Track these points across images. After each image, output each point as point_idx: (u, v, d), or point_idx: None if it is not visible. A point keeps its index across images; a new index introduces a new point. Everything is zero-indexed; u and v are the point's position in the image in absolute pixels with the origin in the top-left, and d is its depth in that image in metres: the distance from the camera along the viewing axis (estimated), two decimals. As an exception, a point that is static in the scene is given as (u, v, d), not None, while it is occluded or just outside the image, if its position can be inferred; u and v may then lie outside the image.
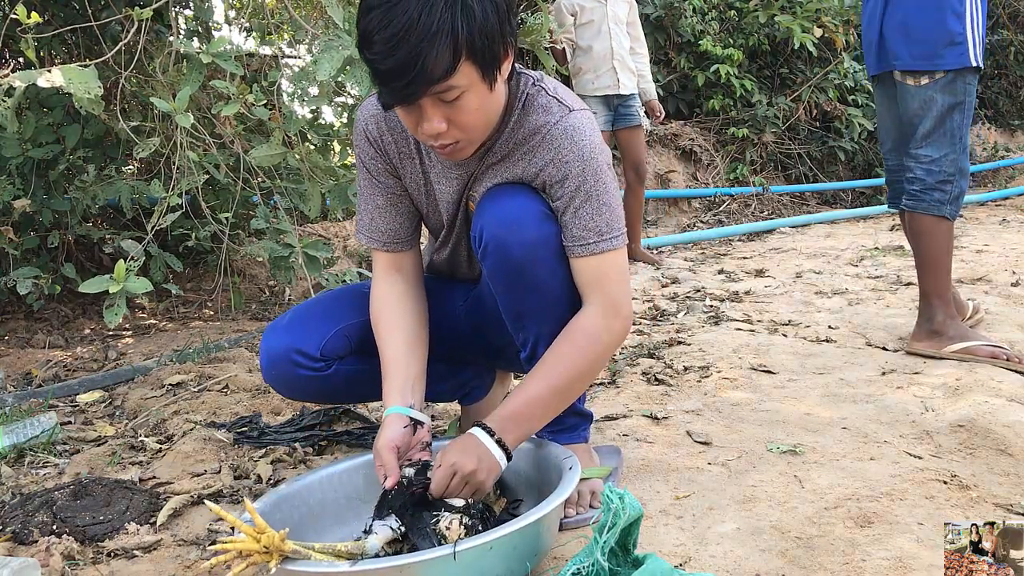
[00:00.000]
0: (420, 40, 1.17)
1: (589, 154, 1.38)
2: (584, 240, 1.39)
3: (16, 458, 1.90)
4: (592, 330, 1.40)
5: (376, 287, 1.58)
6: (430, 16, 1.17)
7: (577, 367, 1.40)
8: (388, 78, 1.22)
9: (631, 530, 1.15)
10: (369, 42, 1.21)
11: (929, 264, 2.46)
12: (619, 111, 4.51)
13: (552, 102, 1.41)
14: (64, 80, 2.02)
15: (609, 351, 1.43)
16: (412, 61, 1.18)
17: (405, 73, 1.19)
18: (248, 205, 3.40)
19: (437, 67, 1.20)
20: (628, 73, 4.45)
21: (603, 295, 1.41)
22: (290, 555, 1.14)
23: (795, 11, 6.78)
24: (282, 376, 1.60)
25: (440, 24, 1.18)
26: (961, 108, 2.39)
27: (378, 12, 1.19)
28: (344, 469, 1.52)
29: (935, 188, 2.41)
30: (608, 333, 1.40)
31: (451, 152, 1.35)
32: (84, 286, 2.16)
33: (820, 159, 7.34)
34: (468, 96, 1.26)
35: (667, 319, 3.17)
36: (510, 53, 1.32)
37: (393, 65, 1.19)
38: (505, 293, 1.45)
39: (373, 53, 1.21)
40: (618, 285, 1.42)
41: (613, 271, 1.41)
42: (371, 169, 1.54)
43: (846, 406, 2.06)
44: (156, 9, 2.37)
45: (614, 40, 4.41)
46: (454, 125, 1.29)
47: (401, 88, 1.22)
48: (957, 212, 2.43)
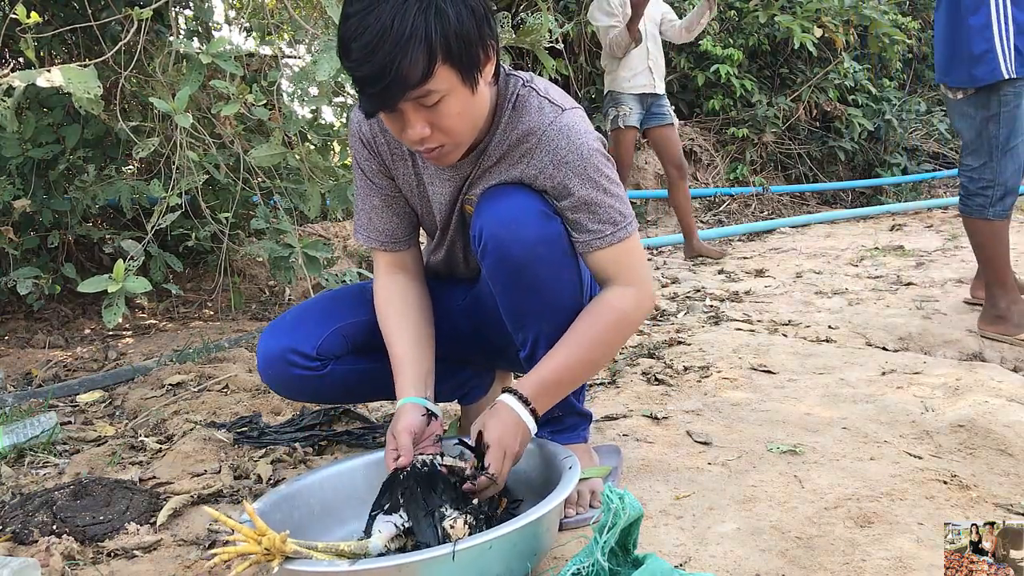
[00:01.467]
0: (394, 46, 1.18)
1: (588, 151, 1.38)
2: (601, 233, 1.41)
3: (16, 458, 1.90)
4: (620, 304, 1.42)
5: (379, 285, 1.58)
6: (403, 22, 1.18)
7: (605, 339, 1.42)
8: (365, 85, 1.23)
9: (631, 530, 1.15)
10: (347, 50, 1.22)
11: (986, 259, 2.71)
12: (652, 110, 4.59)
13: (544, 103, 1.41)
14: (64, 80, 2.02)
15: (634, 327, 1.46)
16: (387, 67, 1.19)
17: (381, 79, 1.20)
18: (248, 205, 3.40)
19: (412, 72, 1.20)
20: (661, 73, 4.60)
21: (627, 277, 1.43)
22: (291, 556, 1.14)
23: (795, 11, 6.78)
24: (278, 376, 1.60)
25: (413, 29, 1.19)
26: (996, 120, 2.54)
27: (355, 19, 1.20)
28: (347, 468, 1.52)
29: (977, 194, 2.63)
30: (636, 309, 1.43)
31: (438, 156, 1.35)
32: (83, 285, 2.16)
33: (820, 159, 7.34)
34: (449, 100, 1.26)
35: (667, 319, 3.17)
36: (492, 55, 1.32)
37: (369, 72, 1.20)
38: (505, 292, 1.46)
39: (351, 60, 1.22)
40: (639, 266, 1.45)
41: (633, 255, 1.44)
42: (366, 171, 1.55)
43: (846, 406, 2.06)
44: (156, 9, 2.37)
45: (650, 41, 4.49)
46: (437, 129, 1.29)
47: (378, 94, 1.23)
48: (1005, 212, 2.62)
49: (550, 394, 1.41)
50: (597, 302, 1.44)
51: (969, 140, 2.63)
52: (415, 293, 1.59)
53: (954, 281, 3.63)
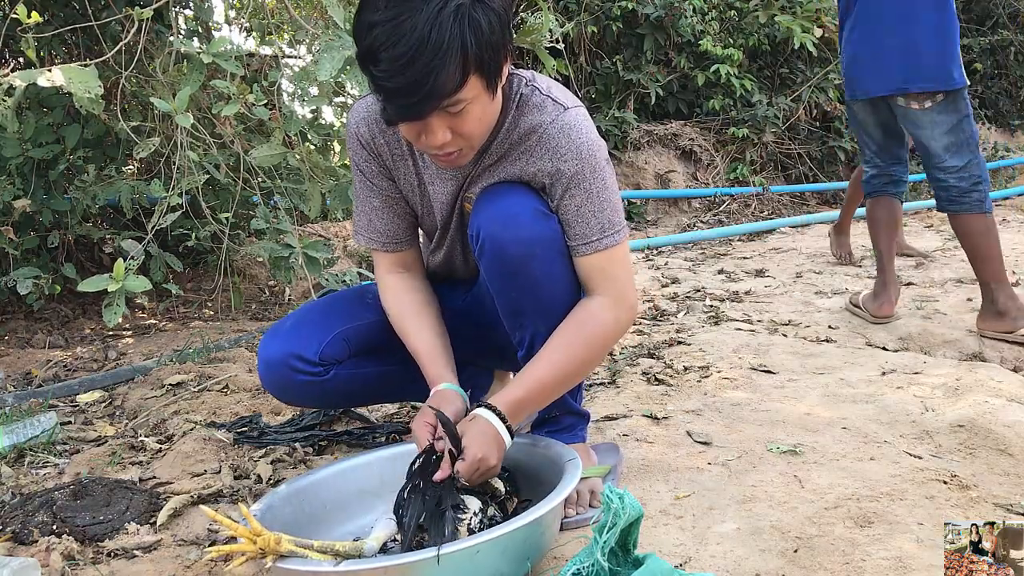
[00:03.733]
0: (432, 58, 1.15)
1: (587, 151, 1.38)
2: (587, 238, 1.40)
3: (16, 458, 1.90)
4: (600, 317, 1.41)
5: (386, 285, 1.57)
6: (440, 32, 1.15)
7: (582, 354, 1.41)
8: (396, 95, 1.20)
9: (631, 530, 1.15)
10: (375, 59, 1.18)
11: (982, 256, 2.69)
12: None
13: (546, 101, 1.41)
14: (65, 80, 2.02)
15: (613, 340, 1.44)
16: (423, 79, 1.16)
17: (415, 91, 1.18)
18: (248, 205, 3.40)
19: (448, 84, 1.18)
20: None
21: (610, 287, 1.42)
22: (285, 554, 1.15)
23: (795, 11, 6.78)
24: (280, 382, 1.59)
25: (451, 41, 1.16)
26: (968, 118, 2.62)
27: (385, 28, 1.16)
28: (362, 463, 1.53)
29: (972, 191, 2.64)
30: (615, 323, 1.42)
31: (454, 160, 1.35)
32: (83, 285, 2.16)
33: (820, 159, 7.33)
34: (473, 106, 1.26)
35: (667, 319, 3.17)
36: (509, 60, 1.32)
37: (403, 83, 1.17)
38: (502, 291, 1.45)
39: (380, 71, 1.18)
40: (624, 277, 1.44)
41: (618, 264, 1.43)
42: (365, 172, 1.53)
43: (846, 406, 2.06)
44: (156, 9, 2.37)
45: None
46: (458, 135, 1.29)
47: (410, 105, 1.20)
48: (992, 205, 2.67)
49: (526, 411, 1.41)
50: (578, 312, 1.42)
51: (944, 145, 2.63)
52: (424, 289, 1.59)
53: (954, 281, 3.63)
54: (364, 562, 1.18)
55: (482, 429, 1.34)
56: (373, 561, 1.18)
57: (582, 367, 1.43)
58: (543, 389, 1.40)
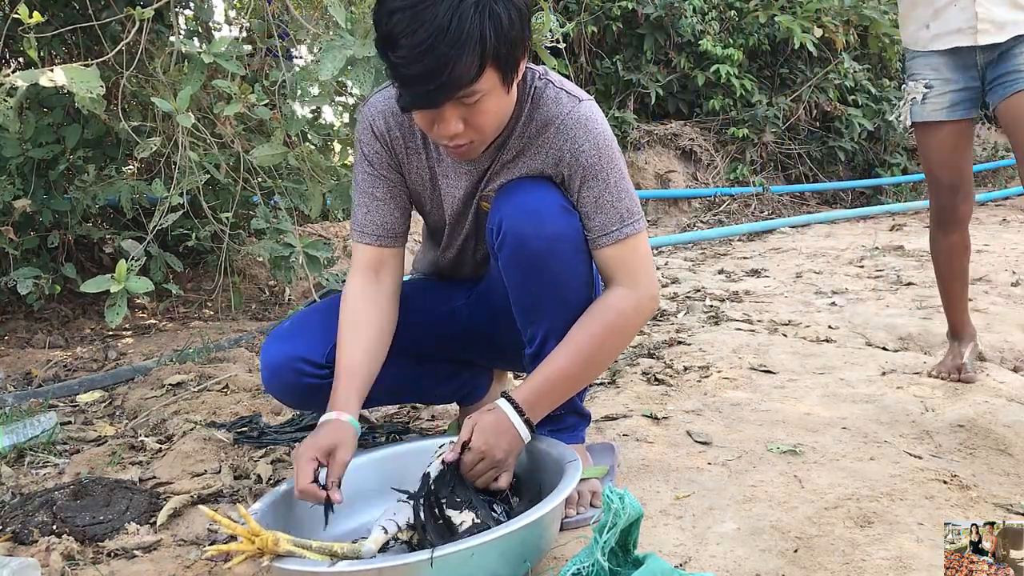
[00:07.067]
0: (450, 47, 1.16)
1: (603, 142, 1.39)
2: (607, 228, 1.40)
3: (16, 458, 1.90)
4: (622, 307, 1.41)
5: (351, 286, 1.53)
6: (460, 22, 1.16)
7: (606, 344, 1.41)
8: (413, 82, 1.21)
9: (631, 530, 1.15)
10: (394, 45, 1.19)
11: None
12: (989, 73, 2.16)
13: (561, 94, 1.42)
14: (67, 79, 2.02)
15: (635, 329, 1.45)
16: (440, 68, 1.17)
17: (432, 79, 1.19)
18: (248, 205, 3.40)
19: (465, 74, 1.19)
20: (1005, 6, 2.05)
21: (631, 277, 1.42)
22: (283, 554, 1.15)
23: (795, 11, 6.78)
24: (286, 386, 1.57)
25: (470, 31, 1.17)
26: None
27: (405, 14, 1.17)
28: (364, 462, 1.53)
29: None
30: (636, 311, 1.42)
31: (465, 152, 1.35)
32: (85, 286, 2.16)
33: (820, 159, 7.33)
34: (487, 99, 1.26)
35: (667, 319, 3.17)
36: (526, 54, 1.32)
37: (421, 71, 1.18)
38: (520, 286, 1.45)
39: (399, 56, 1.19)
40: (644, 266, 1.44)
41: (638, 254, 1.43)
42: (374, 163, 1.52)
43: (846, 406, 2.06)
44: (156, 9, 2.37)
45: None
46: (470, 126, 1.29)
47: (426, 93, 1.21)
48: None
49: (547, 403, 1.40)
50: (598, 304, 1.43)
51: None
52: (385, 305, 1.53)
53: (954, 281, 3.62)
54: (359, 563, 1.19)
55: (494, 419, 1.34)
56: (369, 562, 1.19)
57: (606, 356, 1.44)
58: (567, 379, 1.40)
